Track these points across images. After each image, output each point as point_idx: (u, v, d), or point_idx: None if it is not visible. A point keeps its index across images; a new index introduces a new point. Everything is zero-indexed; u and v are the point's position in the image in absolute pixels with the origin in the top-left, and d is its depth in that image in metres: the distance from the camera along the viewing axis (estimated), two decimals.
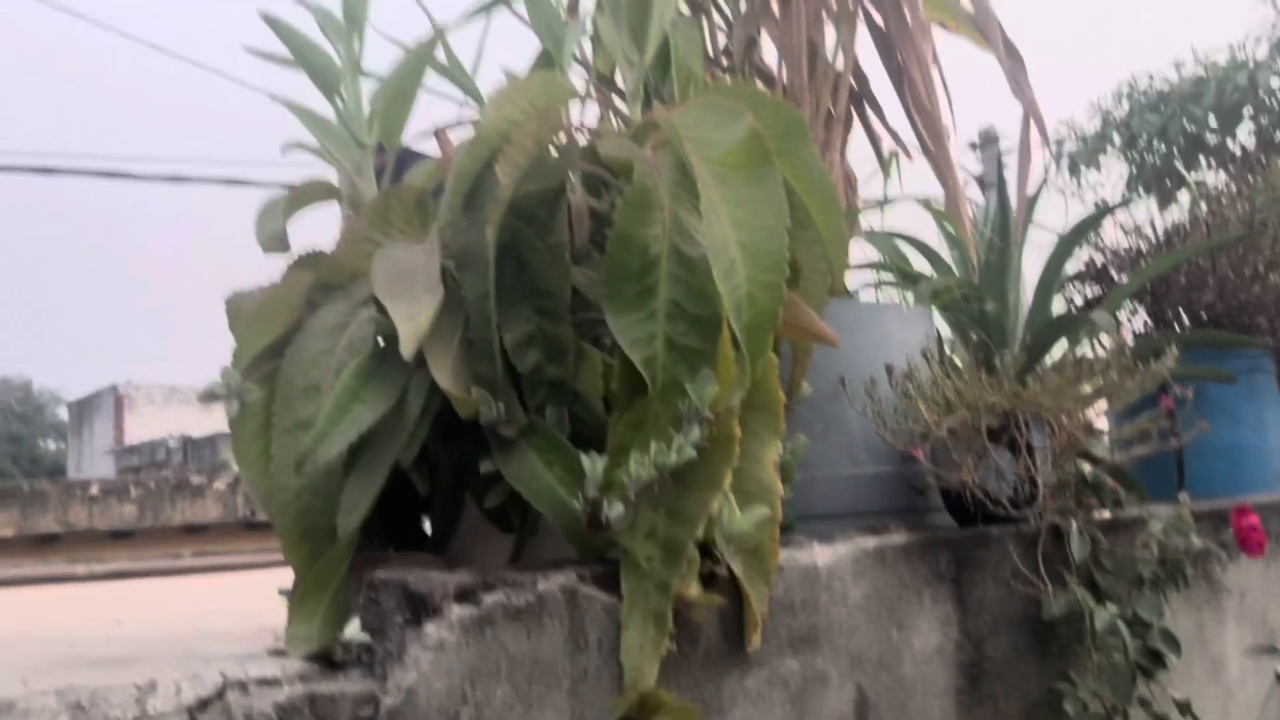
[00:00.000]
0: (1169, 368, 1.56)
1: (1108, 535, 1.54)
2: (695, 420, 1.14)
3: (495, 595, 1.08)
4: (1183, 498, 1.54)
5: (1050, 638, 1.51)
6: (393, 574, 1.11)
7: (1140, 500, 2.04)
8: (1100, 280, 2.46)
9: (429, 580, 1.09)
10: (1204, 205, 2.48)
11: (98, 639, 1.57)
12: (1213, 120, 4.55)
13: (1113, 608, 1.39)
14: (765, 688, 1.24)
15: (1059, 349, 2.18)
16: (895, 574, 1.38)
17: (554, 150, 1.33)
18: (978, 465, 1.47)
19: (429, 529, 1.45)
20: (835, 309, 1.67)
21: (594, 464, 1.12)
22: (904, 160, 2.09)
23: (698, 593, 1.16)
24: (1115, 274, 2.44)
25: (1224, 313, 2.22)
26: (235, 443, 1.27)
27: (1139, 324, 2.41)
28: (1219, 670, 1.78)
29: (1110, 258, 2.45)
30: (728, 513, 1.18)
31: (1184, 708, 1.53)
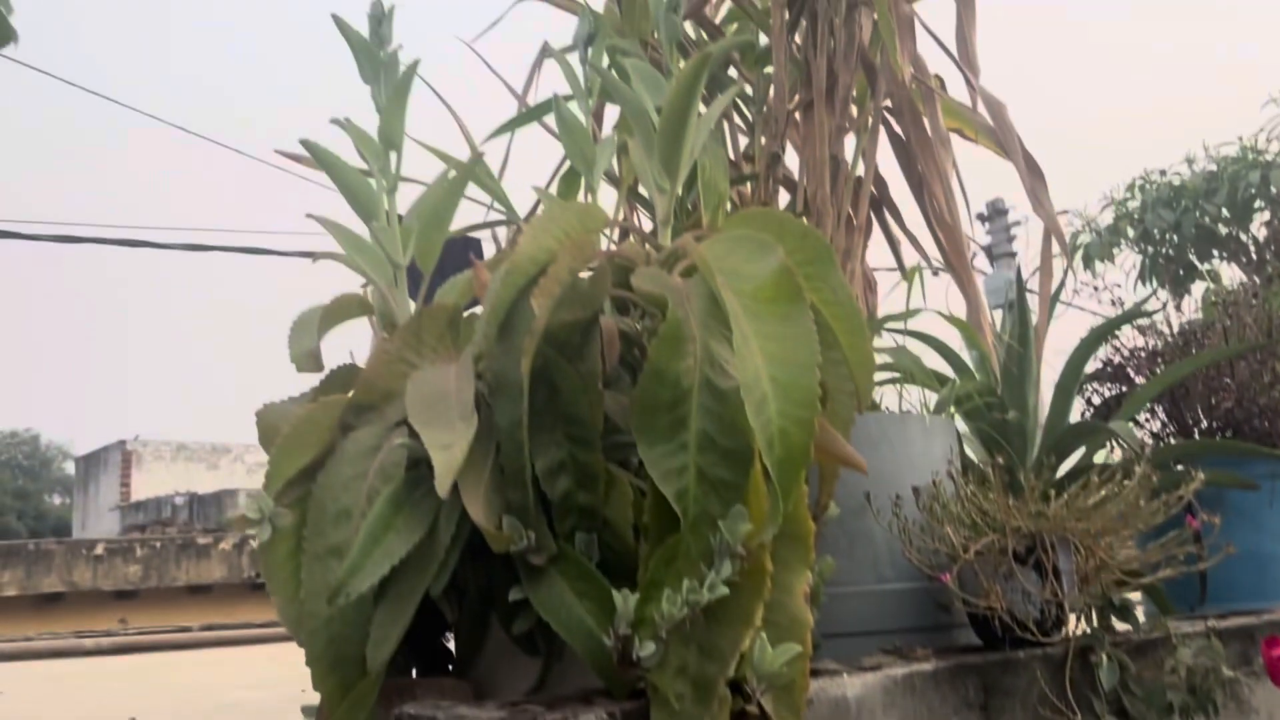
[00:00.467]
0: (1196, 488, 1.56)
1: (1136, 658, 1.53)
2: (727, 555, 1.14)
3: None
4: (1211, 622, 1.53)
5: None
6: (421, 709, 1.11)
7: (1165, 613, 2.03)
8: (1118, 379, 2.46)
9: (458, 717, 1.08)
10: (1220, 305, 2.49)
11: None
12: (1226, 213, 4.59)
13: None
14: None
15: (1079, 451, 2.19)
16: (925, 703, 1.37)
17: (586, 274, 1.34)
18: (1005, 589, 1.46)
19: (453, 646, 1.45)
20: (859, 422, 1.68)
21: (626, 601, 1.12)
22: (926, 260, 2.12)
23: None
24: (1133, 374, 2.45)
25: (1243, 418, 2.22)
26: (266, 566, 1.27)
27: (1157, 426, 2.41)
28: None
29: (1128, 357, 2.46)
30: (759, 648, 1.17)
31: None
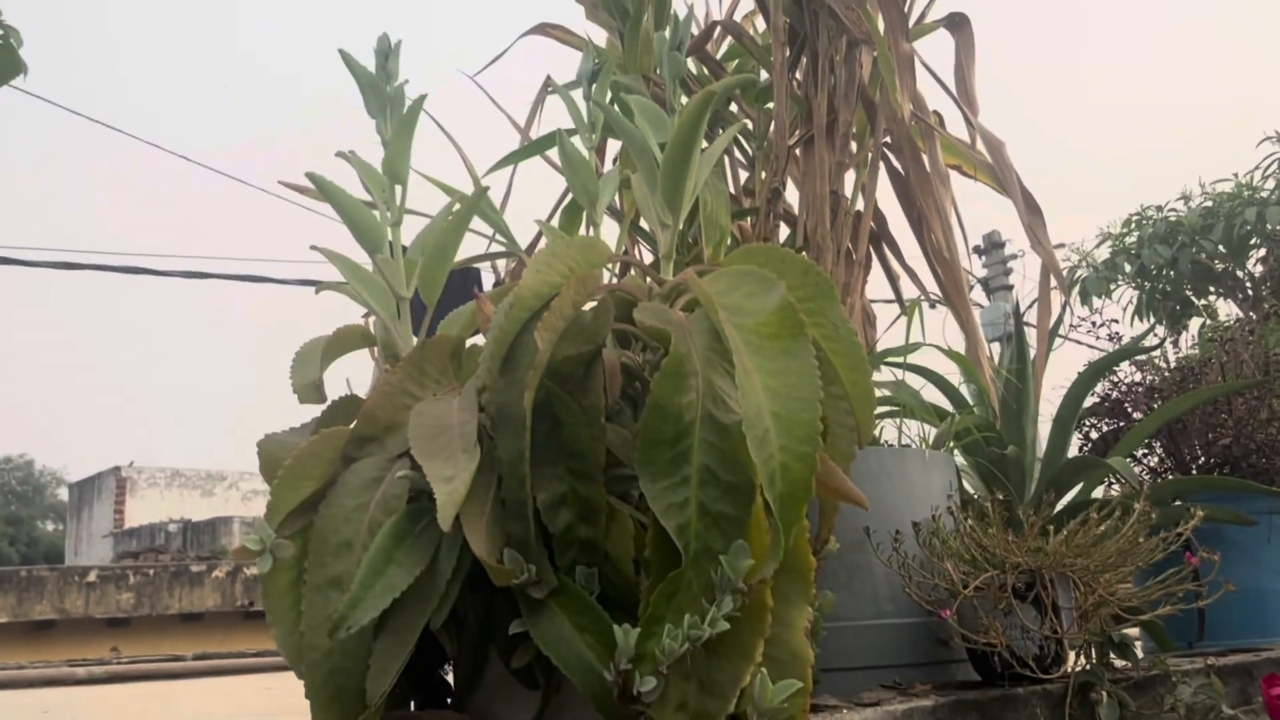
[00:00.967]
0: (1195, 525, 1.56)
1: (1136, 695, 1.52)
2: (728, 590, 1.14)
3: None
4: (1211, 659, 1.53)
5: None
6: None
7: (1165, 649, 2.03)
8: (1116, 415, 2.47)
9: None
10: (1217, 342, 2.50)
11: None
12: (1222, 249, 4.63)
13: None
14: None
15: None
16: None
17: (591, 311, 1.35)
18: (1004, 625, 1.46)
19: (451, 678, 1.44)
20: (859, 456, 1.68)
21: (627, 636, 1.12)
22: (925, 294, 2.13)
23: None
24: (1130, 409, 2.46)
25: (1241, 455, 2.23)
26: (266, 597, 1.27)
27: (1155, 461, 2.42)
28: None
29: (1125, 392, 2.47)
30: (760, 684, 1.17)
31: None
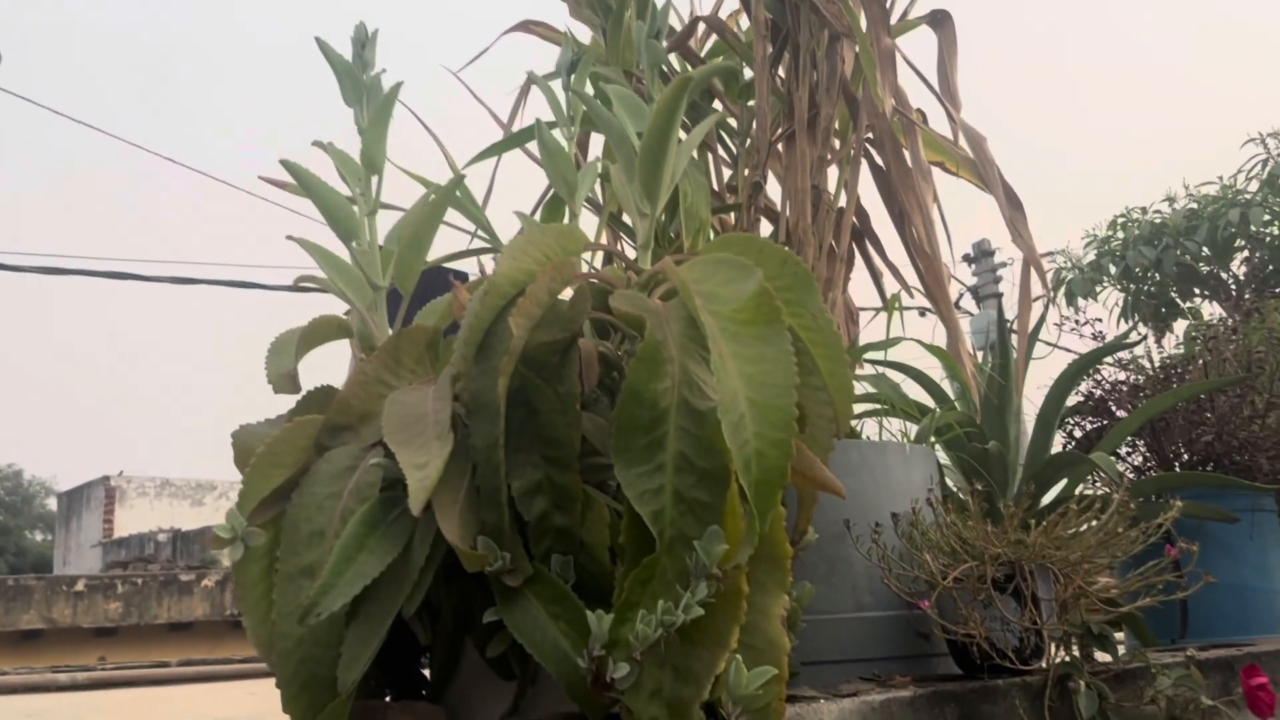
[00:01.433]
0: (1174, 517, 1.56)
1: (1115, 687, 1.52)
2: (703, 577, 1.13)
3: None
4: (1191, 651, 1.52)
5: None
6: None
7: (1147, 644, 2.02)
8: (1099, 413, 2.47)
9: None
10: (1200, 340, 2.51)
11: None
12: (1206, 251, 4.65)
13: None
14: None
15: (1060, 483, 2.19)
16: None
17: (567, 299, 1.35)
18: (983, 617, 1.46)
19: (427, 669, 1.43)
20: (839, 449, 1.67)
21: (600, 622, 1.11)
22: (907, 289, 2.13)
23: None
24: (1114, 407, 2.46)
25: (1223, 451, 2.23)
26: (238, 586, 1.26)
27: (1139, 459, 2.42)
28: None
29: (1109, 391, 2.47)
30: (735, 671, 1.16)
31: None
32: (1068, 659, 1.50)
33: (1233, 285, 4.65)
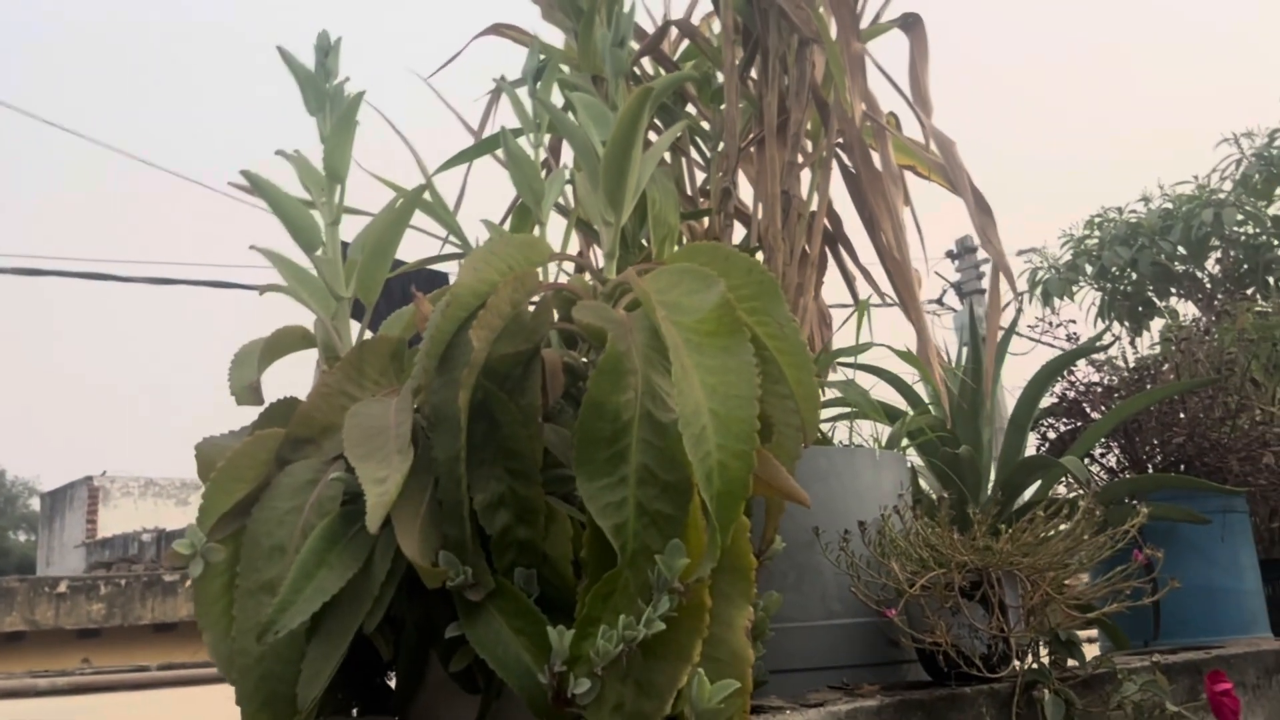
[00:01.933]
0: (1140, 522, 1.56)
1: (1083, 693, 1.52)
2: (665, 591, 1.13)
3: None
4: (1156, 656, 1.53)
5: None
6: None
7: (1120, 646, 2.03)
8: (1073, 415, 2.48)
9: None
10: (1174, 343, 2.52)
11: None
12: (1181, 250, 4.67)
13: None
14: None
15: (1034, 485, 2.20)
16: None
17: (530, 310, 1.34)
18: (951, 623, 1.46)
19: (393, 682, 1.42)
20: (808, 455, 1.67)
21: (561, 637, 1.11)
22: (879, 294, 2.13)
23: None
24: (1088, 409, 2.46)
25: (1195, 453, 2.24)
26: (198, 603, 1.25)
27: (1112, 461, 2.43)
28: None
29: (1083, 393, 2.48)
30: (697, 684, 1.16)
31: None
32: (1035, 666, 1.50)
33: (1208, 284, 4.67)
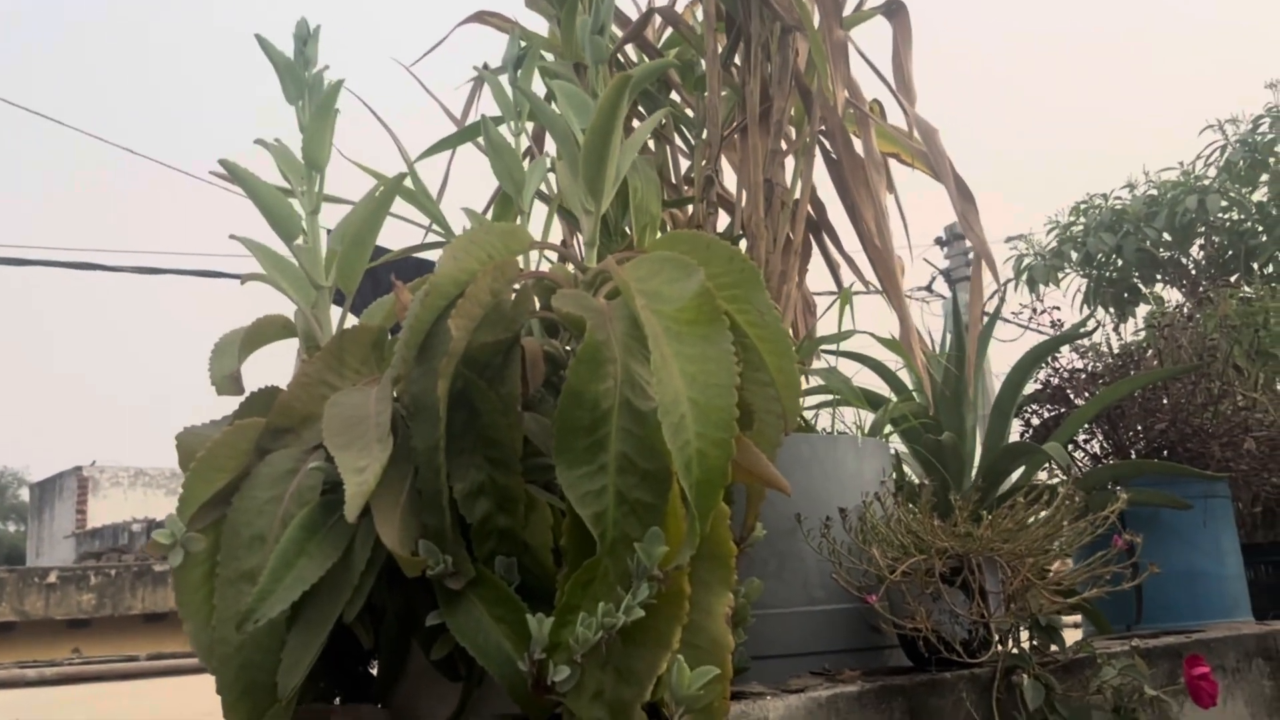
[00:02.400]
0: (1120, 508, 1.57)
1: (1063, 677, 1.53)
2: (644, 578, 1.13)
3: None
4: (1136, 641, 1.54)
5: None
6: None
7: (1102, 631, 2.05)
8: (1057, 401, 2.49)
9: None
10: (1158, 329, 2.53)
11: None
12: (1166, 237, 4.68)
13: None
14: None
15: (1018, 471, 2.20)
16: None
17: (510, 298, 1.34)
18: (931, 609, 1.46)
19: (374, 671, 1.42)
20: (790, 442, 1.68)
21: (540, 625, 1.11)
22: (863, 282, 2.14)
23: None
24: (1072, 395, 2.47)
25: (1177, 439, 2.25)
26: (179, 592, 1.25)
27: (1095, 447, 2.44)
28: None
29: (1067, 379, 2.49)
30: (677, 671, 1.16)
31: None
32: (1015, 651, 1.51)
33: (1193, 270, 4.69)
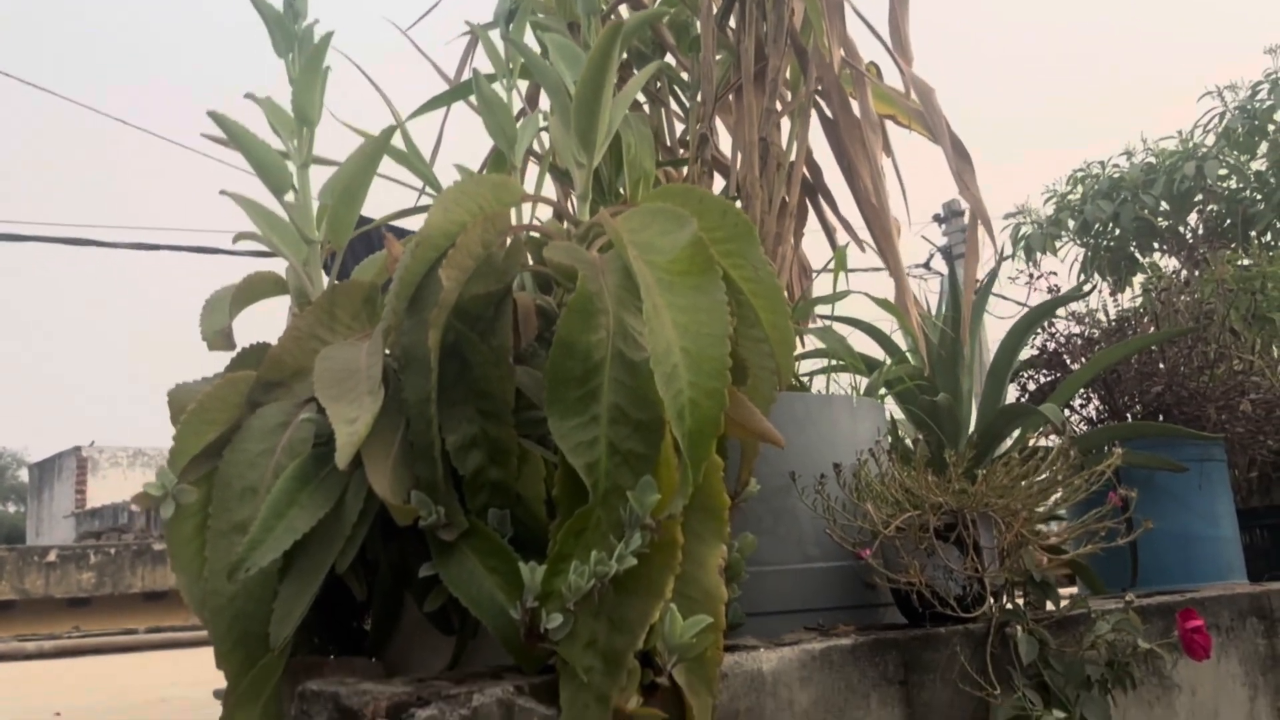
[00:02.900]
0: (1116, 464, 1.57)
1: (1057, 633, 1.53)
2: (637, 527, 1.13)
3: (428, 710, 1.06)
4: (1130, 596, 1.54)
5: None
6: (325, 685, 1.09)
7: (1097, 592, 2.05)
8: (1053, 366, 2.48)
9: (361, 694, 1.06)
10: (1154, 294, 2.52)
11: None
12: (1164, 205, 4.67)
13: (1059, 713, 1.38)
14: None
15: (1013, 436, 2.20)
16: (843, 678, 1.37)
17: (502, 251, 1.33)
18: (926, 565, 1.46)
19: (368, 626, 1.42)
20: (785, 401, 1.68)
21: (533, 573, 1.11)
22: (858, 243, 2.13)
23: (638, 705, 1.14)
24: (1068, 360, 2.47)
25: (1173, 402, 2.25)
26: (171, 544, 1.25)
27: (1092, 411, 2.43)
28: None
29: (1063, 344, 2.48)
30: (670, 620, 1.16)
31: None
32: (1010, 607, 1.51)
33: (1190, 238, 4.68)
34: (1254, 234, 4.40)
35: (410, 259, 1.24)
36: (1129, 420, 2.36)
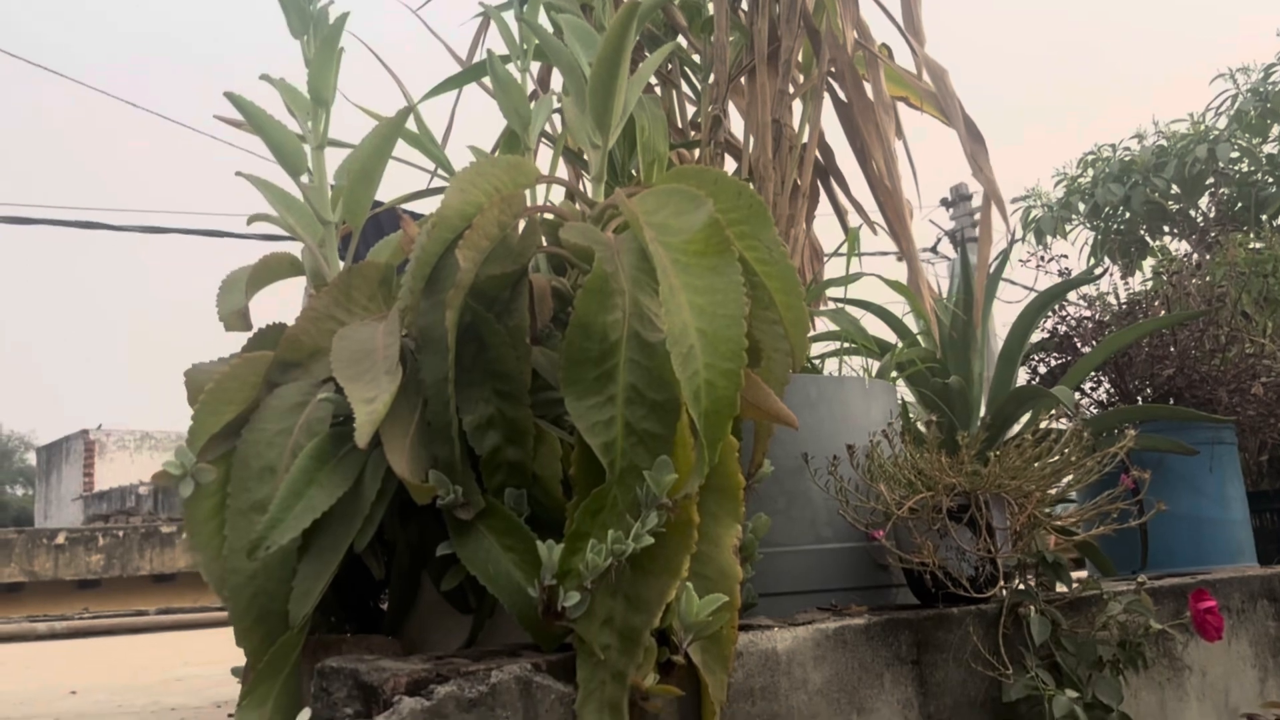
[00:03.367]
0: (1127, 445, 1.57)
1: (1069, 614, 1.54)
2: (653, 507, 1.14)
3: (447, 686, 1.07)
4: (1142, 578, 1.54)
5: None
6: (344, 663, 1.10)
7: (1107, 574, 2.05)
8: (1064, 350, 2.48)
9: (380, 671, 1.07)
10: (1165, 277, 2.52)
11: (46, 716, 1.53)
12: (1175, 189, 4.65)
13: (1071, 693, 1.39)
14: None
15: (1023, 419, 2.21)
16: (856, 657, 1.38)
17: (518, 232, 1.33)
18: (938, 546, 1.47)
19: (387, 605, 1.44)
20: (798, 383, 1.68)
21: (550, 552, 1.11)
22: (870, 225, 2.13)
23: (654, 683, 1.15)
24: (1079, 343, 2.47)
25: (1184, 386, 2.25)
26: (189, 523, 1.26)
27: (1103, 394, 2.44)
28: None
29: (1074, 327, 2.48)
30: (686, 599, 1.17)
31: None
32: (1022, 587, 1.51)
33: (1201, 222, 4.66)
34: (1265, 217, 4.38)
35: (427, 240, 1.24)
36: (1140, 403, 2.36)
